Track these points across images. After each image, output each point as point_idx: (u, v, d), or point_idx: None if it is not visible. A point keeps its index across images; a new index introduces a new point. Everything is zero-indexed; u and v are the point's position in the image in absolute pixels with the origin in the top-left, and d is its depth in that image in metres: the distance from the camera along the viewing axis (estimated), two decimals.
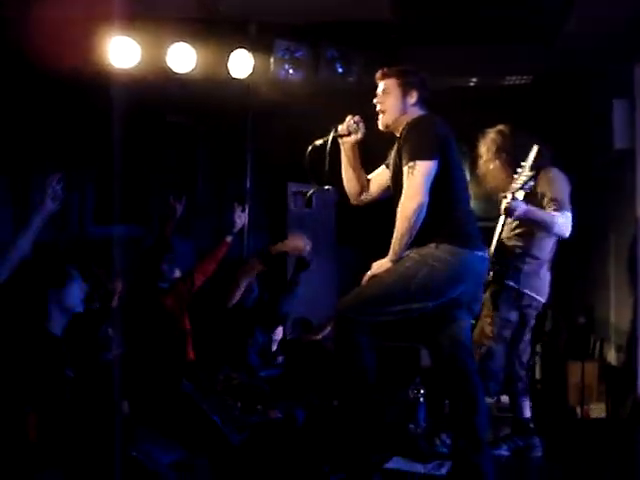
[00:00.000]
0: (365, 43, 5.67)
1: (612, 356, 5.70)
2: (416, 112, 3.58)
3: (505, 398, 5.52)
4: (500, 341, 4.13)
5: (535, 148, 4.00)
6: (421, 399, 4.30)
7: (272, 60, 5.66)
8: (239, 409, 4.05)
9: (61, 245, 6.52)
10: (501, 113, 7.03)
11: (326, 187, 3.72)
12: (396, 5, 5.13)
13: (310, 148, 3.67)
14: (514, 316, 4.14)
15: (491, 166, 4.31)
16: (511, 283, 4.13)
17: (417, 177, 3.35)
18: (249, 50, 5.64)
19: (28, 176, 6.68)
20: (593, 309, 6.09)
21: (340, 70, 5.69)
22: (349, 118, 3.72)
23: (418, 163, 3.36)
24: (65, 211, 6.83)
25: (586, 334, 5.92)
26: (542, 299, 4.21)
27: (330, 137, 3.66)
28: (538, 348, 6.13)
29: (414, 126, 3.48)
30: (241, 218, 5.42)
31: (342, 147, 3.76)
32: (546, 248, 4.20)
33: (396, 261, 3.41)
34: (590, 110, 6.16)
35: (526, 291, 4.13)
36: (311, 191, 3.78)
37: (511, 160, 4.20)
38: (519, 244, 4.19)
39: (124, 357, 4.02)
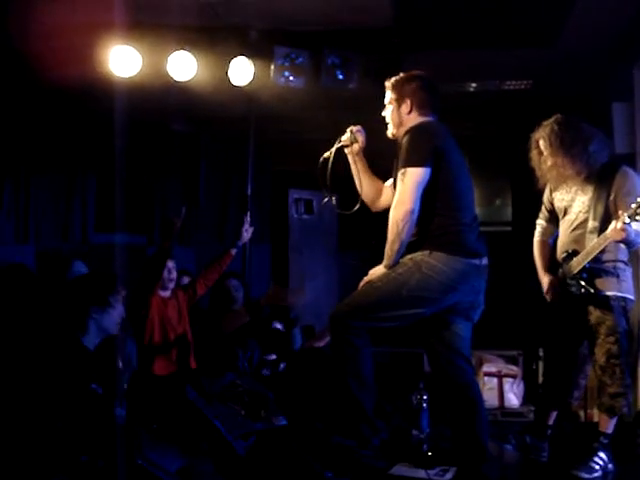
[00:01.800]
0: (366, 49, 5.68)
1: None
2: (414, 119, 3.62)
3: (512, 403, 5.57)
4: (625, 354, 3.98)
5: None
6: (424, 405, 4.28)
7: (272, 67, 5.66)
8: (243, 416, 4.05)
9: (64, 253, 6.55)
10: (501, 118, 7.09)
11: (332, 197, 3.78)
12: (397, 11, 5.14)
13: (321, 160, 3.71)
14: (624, 323, 3.98)
15: (549, 162, 4.11)
16: (619, 294, 3.97)
17: (407, 184, 3.39)
18: (249, 57, 5.65)
19: (29, 183, 6.72)
20: None
21: (341, 77, 5.69)
22: (349, 129, 3.76)
23: (408, 170, 3.40)
24: (68, 219, 6.86)
25: None
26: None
27: (334, 148, 3.71)
28: (540, 352, 6.14)
29: (408, 134, 3.52)
30: (248, 232, 5.43)
31: (348, 157, 3.80)
32: (625, 250, 4.04)
33: (390, 267, 3.43)
34: (590, 114, 6.17)
35: (627, 295, 4.00)
36: (325, 200, 3.82)
37: (577, 152, 4.02)
38: (611, 254, 4.00)
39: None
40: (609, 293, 3.98)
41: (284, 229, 6.67)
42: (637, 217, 3.65)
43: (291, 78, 5.71)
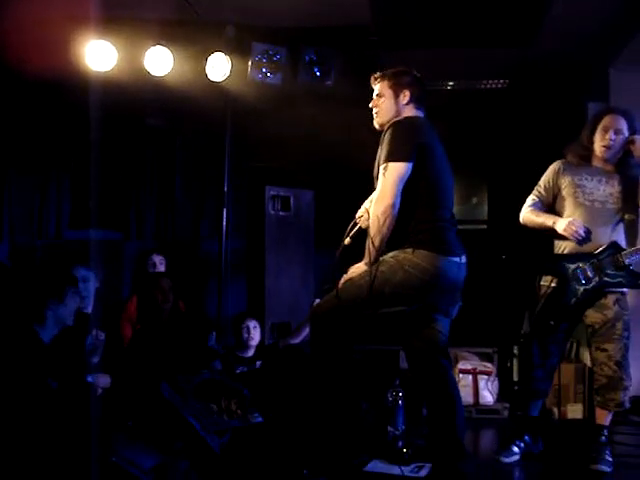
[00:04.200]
0: (343, 47, 5.68)
1: (588, 357, 5.74)
2: (409, 111, 3.62)
3: (487, 400, 5.59)
4: None
5: None
6: (400, 402, 4.30)
7: (250, 63, 5.65)
8: (218, 413, 4.04)
9: (38, 249, 6.49)
10: (478, 117, 7.12)
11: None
12: (374, 9, 5.15)
13: (340, 250, 3.67)
14: None
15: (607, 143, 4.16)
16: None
17: (388, 179, 3.38)
18: (227, 53, 5.63)
19: (3, 179, 6.65)
20: None
21: (318, 73, 5.69)
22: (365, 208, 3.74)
23: (390, 165, 3.38)
24: (42, 215, 6.80)
25: None
26: None
27: (353, 232, 3.70)
28: (515, 350, 6.18)
29: (391, 128, 3.49)
30: None
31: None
32: None
33: (372, 264, 3.43)
34: (566, 114, 6.22)
35: None
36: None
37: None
38: None
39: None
40: (625, 289, 4.13)
41: (260, 226, 6.64)
42: None
43: (268, 74, 5.69)
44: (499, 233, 6.95)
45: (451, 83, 6.59)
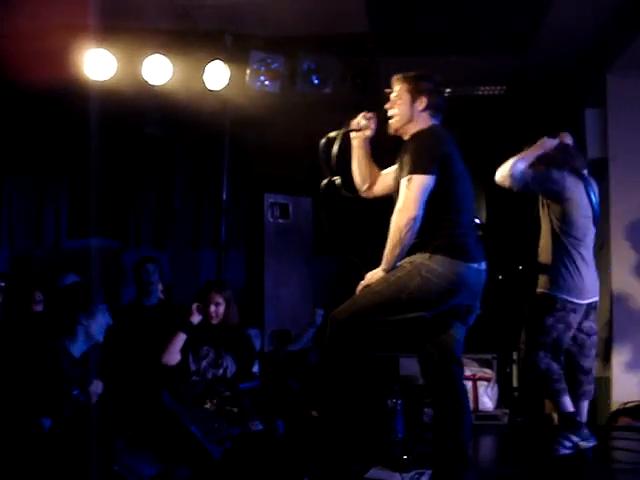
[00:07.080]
0: (341, 54, 5.70)
1: None
2: (425, 119, 3.57)
3: (486, 406, 5.60)
4: (540, 347, 4.21)
5: None
6: (399, 409, 4.30)
7: (248, 72, 5.67)
8: (219, 421, 4.05)
9: (37, 257, 6.51)
10: (475, 123, 7.14)
11: (335, 178, 3.68)
12: (372, 17, 5.17)
13: (324, 140, 3.62)
14: (550, 321, 4.18)
15: None
16: (546, 291, 4.22)
17: (412, 191, 3.35)
18: (225, 62, 5.65)
19: (2, 187, 6.67)
20: None
21: (316, 82, 5.71)
22: (362, 115, 3.72)
23: (415, 177, 3.35)
24: (40, 224, 6.82)
25: None
26: (578, 300, 4.22)
27: (342, 131, 3.64)
28: (514, 356, 6.18)
29: (416, 139, 3.48)
30: None
31: (352, 142, 3.75)
32: (561, 249, 4.25)
33: (389, 271, 3.42)
34: (563, 120, 6.24)
35: (557, 294, 4.18)
36: (325, 181, 3.75)
37: None
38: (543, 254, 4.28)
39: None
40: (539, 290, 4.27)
41: (259, 233, 6.65)
42: None
43: (267, 83, 5.72)
44: (497, 239, 6.96)
45: (448, 89, 6.59)
